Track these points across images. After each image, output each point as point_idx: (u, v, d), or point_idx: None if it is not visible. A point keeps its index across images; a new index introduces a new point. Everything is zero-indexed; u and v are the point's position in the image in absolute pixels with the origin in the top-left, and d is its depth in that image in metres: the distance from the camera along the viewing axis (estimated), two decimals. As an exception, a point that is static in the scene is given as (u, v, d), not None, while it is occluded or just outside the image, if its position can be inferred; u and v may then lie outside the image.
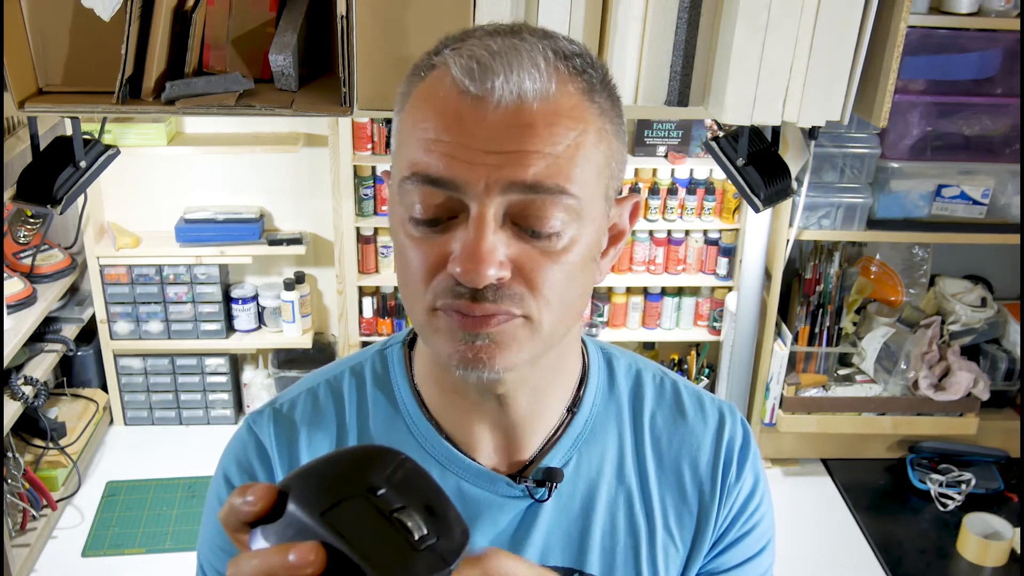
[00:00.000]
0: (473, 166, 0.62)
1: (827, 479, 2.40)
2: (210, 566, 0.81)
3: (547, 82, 0.62)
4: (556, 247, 0.64)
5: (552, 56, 0.64)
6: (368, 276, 2.44)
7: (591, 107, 0.65)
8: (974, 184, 2.18)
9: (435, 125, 0.63)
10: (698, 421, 0.83)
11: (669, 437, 0.82)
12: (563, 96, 0.63)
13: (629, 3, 1.43)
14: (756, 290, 2.19)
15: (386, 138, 2.29)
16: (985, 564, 2.09)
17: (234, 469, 0.80)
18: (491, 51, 0.62)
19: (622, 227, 0.73)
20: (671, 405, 0.83)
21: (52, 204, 1.51)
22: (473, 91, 0.62)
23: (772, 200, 1.63)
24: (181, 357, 2.50)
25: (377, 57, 1.41)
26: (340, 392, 0.82)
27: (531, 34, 0.65)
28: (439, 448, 0.77)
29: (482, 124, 0.62)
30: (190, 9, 1.45)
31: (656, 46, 1.47)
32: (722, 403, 0.86)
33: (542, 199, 0.62)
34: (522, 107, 0.62)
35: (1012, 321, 2.40)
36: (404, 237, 0.67)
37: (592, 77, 0.66)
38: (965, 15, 1.90)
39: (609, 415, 0.81)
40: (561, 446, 0.79)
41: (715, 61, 1.49)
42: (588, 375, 0.82)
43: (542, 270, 0.64)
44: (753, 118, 1.48)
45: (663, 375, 0.86)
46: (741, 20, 1.40)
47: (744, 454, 0.83)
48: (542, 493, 0.77)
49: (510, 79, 0.61)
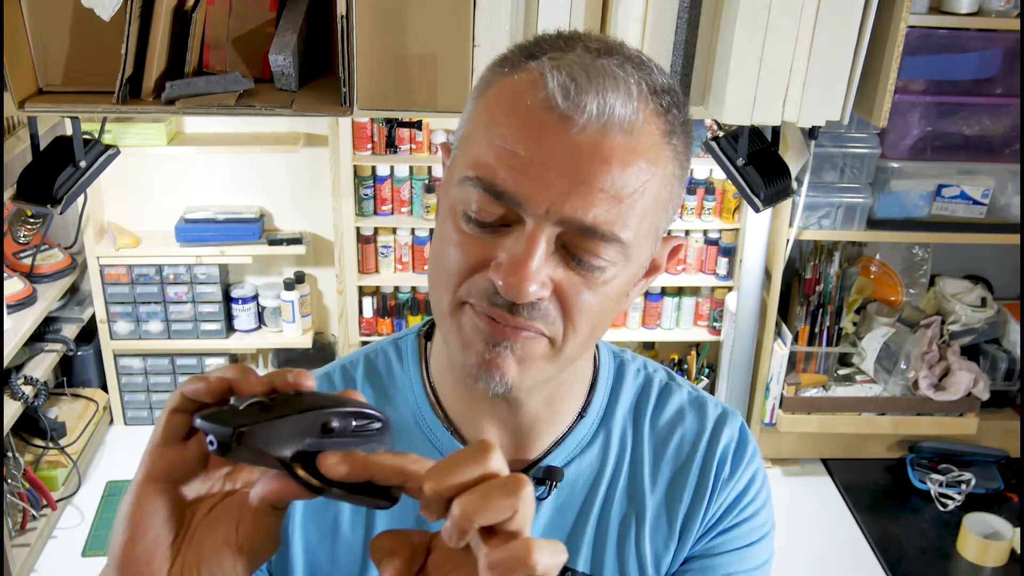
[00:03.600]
0: (540, 188, 0.61)
1: (827, 479, 2.40)
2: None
3: (634, 115, 0.61)
4: (598, 280, 0.64)
5: (644, 89, 0.62)
6: (368, 276, 2.44)
7: (667, 149, 0.64)
8: (974, 184, 2.18)
9: (514, 134, 0.62)
10: (697, 424, 0.83)
11: (666, 439, 0.83)
12: (645, 134, 0.62)
13: (629, 3, 1.43)
14: (756, 290, 2.19)
15: (386, 138, 2.29)
16: (985, 564, 2.09)
17: None
18: (590, 71, 0.60)
19: (659, 263, 0.73)
20: (674, 409, 0.84)
21: (52, 204, 1.51)
22: (562, 108, 0.60)
23: (772, 200, 1.63)
24: (181, 357, 2.50)
25: (377, 57, 1.41)
26: (352, 379, 0.83)
27: (628, 61, 0.64)
28: (444, 440, 0.78)
29: (560, 145, 0.60)
30: (190, 9, 1.45)
31: (656, 46, 1.47)
32: (724, 408, 0.86)
33: (594, 240, 0.62)
34: (605, 136, 0.61)
35: (1012, 321, 2.40)
36: (451, 228, 0.65)
37: (675, 118, 0.65)
38: (965, 15, 1.90)
39: (613, 418, 0.82)
40: (565, 447, 0.79)
41: (715, 61, 1.49)
42: (598, 380, 0.82)
43: (580, 298, 0.64)
44: (753, 118, 1.48)
45: (669, 380, 0.86)
46: (741, 20, 1.41)
47: (740, 454, 0.83)
48: (542, 491, 0.78)
49: (602, 106, 0.60)
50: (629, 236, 0.63)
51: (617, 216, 0.62)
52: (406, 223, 2.39)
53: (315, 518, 0.79)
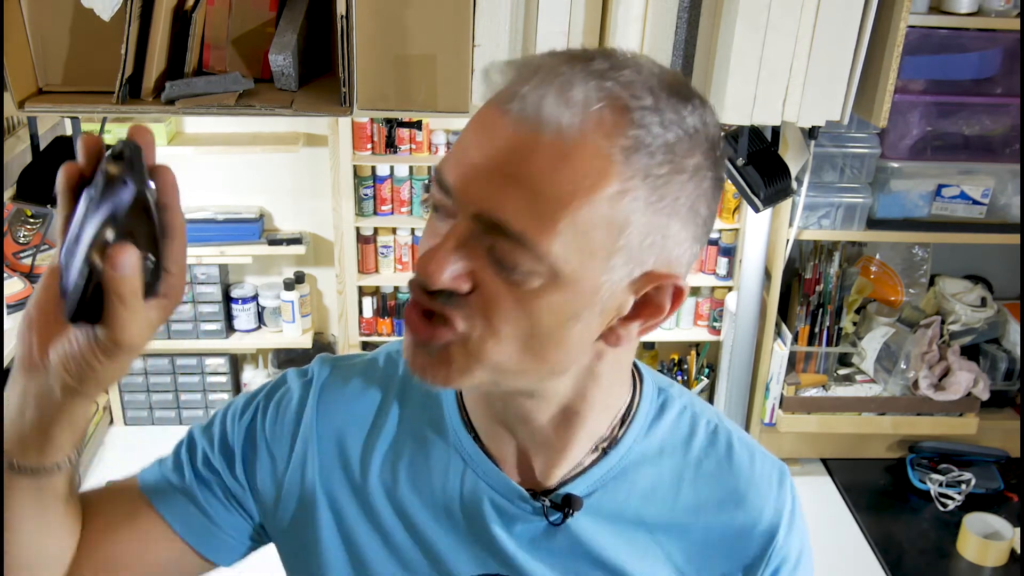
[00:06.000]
0: (467, 179, 0.60)
1: (827, 479, 2.40)
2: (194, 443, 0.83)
3: (572, 119, 0.57)
4: (521, 288, 0.61)
5: (597, 96, 0.58)
6: (368, 276, 2.44)
7: (623, 166, 0.58)
8: (974, 184, 2.18)
9: (466, 128, 0.63)
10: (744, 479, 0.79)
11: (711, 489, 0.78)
12: (587, 143, 0.58)
13: (629, 3, 1.43)
14: (756, 290, 2.19)
15: (386, 138, 2.29)
16: (985, 564, 2.09)
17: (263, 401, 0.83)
18: (540, 71, 0.59)
19: (658, 302, 0.66)
20: (721, 456, 0.79)
21: (52, 204, 1.51)
22: (503, 105, 0.60)
23: (772, 200, 1.63)
24: (181, 357, 2.50)
25: (377, 57, 1.41)
26: (396, 364, 0.83)
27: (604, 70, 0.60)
28: (468, 447, 0.77)
29: (494, 137, 0.60)
30: (190, 9, 1.45)
31: (656, 46, 1.47)
32: (775, 465, 0.82)
33: (510, 243, 0.59)
34: (535, 134, 0.58)
35: (1012, 321, 2.40)
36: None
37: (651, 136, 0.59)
38: (965, 15, 1.90)
39: (647, 458, 0.78)
40: (588, 477, 0.76)
41: (715, 61, 1.49)
42: (636, 414, 0.78)
43: (498, 300, 0.61)
44: (753, 118, 1.48)
45: (718, 423, 0.81)
46: (741, 20, 1.41)
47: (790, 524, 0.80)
48: (556, 516, 0.76)
49: (528, 100, 0.58)
50: (553, 248, 0.59)
51: (538, 221, 0.58)
52: (406, 223, 2.39)
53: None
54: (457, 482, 0.77)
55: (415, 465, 0.79)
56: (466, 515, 0.77)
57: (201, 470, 0.81)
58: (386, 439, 0.80)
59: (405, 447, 0.79)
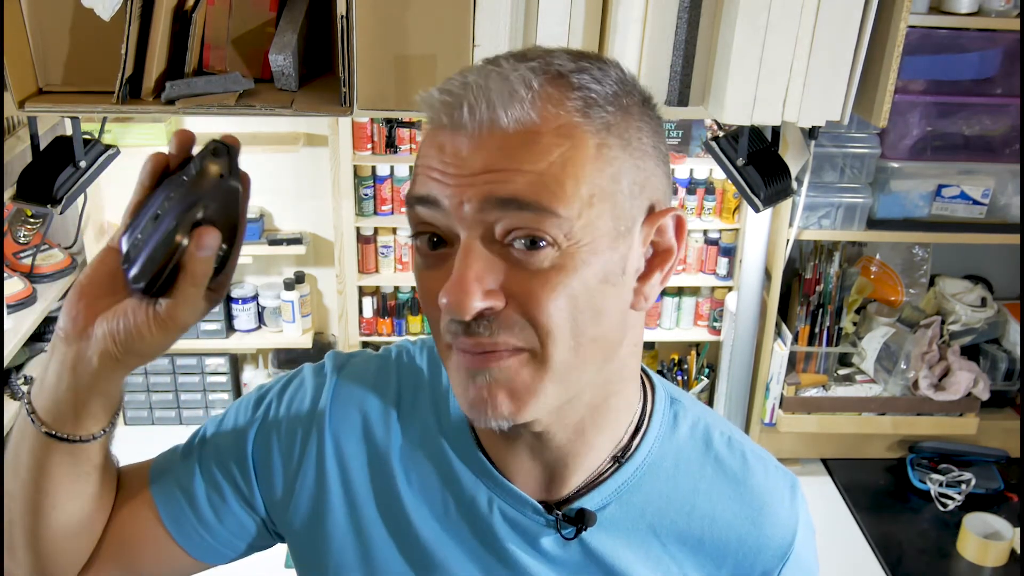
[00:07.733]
0: (454, 188, 0.61)
1: (827, 479, 2.40)
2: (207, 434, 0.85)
3: (523, 105, 0.60)
4: (547, 269, 0.61)
5: (533, 77, 0.61)
6: (368, 276, 2.44)
7: (587, 124, 0.61)
8: (974, 184, 2.18)
9: (426, 153, 0.64)
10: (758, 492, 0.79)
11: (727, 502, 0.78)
12: (547, 117, 0.60)
13: (629, 3, 1.43)
14: (756, 290, 2.19)
15: (386, 138, 2.29)
16: (985, 564, 2.09)
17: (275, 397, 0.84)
18: (463, 83, 0.61)
19: (667, 245, 0.68)
20: (736, 469, 0.79)
21: (52, 204, 1.51)
22: (448, 124, 0.61)
23: (772, 200, 1.63)
24: (181, 357, 2.50)
25: (377, 57, 1.41)
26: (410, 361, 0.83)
27: (520, 59, 0.63)
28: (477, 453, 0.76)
29: (460, 152, 0.61)
30: (190, 9, 1.45)
31: (656, 46, 1.47)
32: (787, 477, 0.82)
33: (526, 217, 0.60)
34: (497, 133, 0.60)
35: (1012, 321, 2.40)
36: (416, 269, 0.67)
37: (594, 92, 0.62)
38: (965, 15, 1.90)
39: (662, 470, 0.77)
40: (603, 490, 0.75)
41: (715, 61, 1.49)
42: (650, 424, 0.78)
43: (536, 296, 0.61)
44: (753, 118, 1.48)
45: (731, 435, 0.81)
46: (741, 20, 1.40)
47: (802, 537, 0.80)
48: (570, 531, 0.75)
49: (477, 108, 0.60)
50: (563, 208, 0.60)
51: (541, 186, 0.60)
52: (406, 223, 2.38)
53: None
54: (468, 492, 0.76)
55: (424, 473, 0.78)
56: (477, 527, 0.76)
57: (210, 464, 0.81)
58: (397, 442, 0.79)
59: (416, 453, 0.78)
